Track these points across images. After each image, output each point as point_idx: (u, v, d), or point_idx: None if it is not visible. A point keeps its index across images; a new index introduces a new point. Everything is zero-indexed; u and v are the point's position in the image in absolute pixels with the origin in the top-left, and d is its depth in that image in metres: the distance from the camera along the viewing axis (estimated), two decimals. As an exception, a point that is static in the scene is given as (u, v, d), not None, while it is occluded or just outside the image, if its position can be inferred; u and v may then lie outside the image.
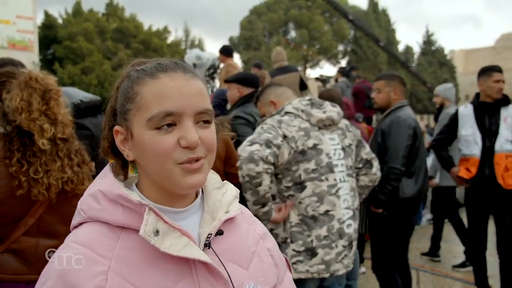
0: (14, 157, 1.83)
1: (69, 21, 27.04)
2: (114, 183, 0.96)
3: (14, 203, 1.85)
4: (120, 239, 0.93)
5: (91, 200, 0.96)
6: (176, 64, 0.98)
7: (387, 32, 42.12)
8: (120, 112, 0.99)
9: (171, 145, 0.91)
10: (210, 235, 1.00)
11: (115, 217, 0.93)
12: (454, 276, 5.31)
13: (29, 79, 1.90)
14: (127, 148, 0.99)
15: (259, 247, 1.12)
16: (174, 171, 0.93)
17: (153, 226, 0.90)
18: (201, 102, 0.95)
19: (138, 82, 0.96)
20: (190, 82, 0.96)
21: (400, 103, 3.74)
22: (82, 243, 0.92)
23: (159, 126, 0.92)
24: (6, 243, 1.87)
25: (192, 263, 0.94)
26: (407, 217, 3.63)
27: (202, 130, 0.95)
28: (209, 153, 0.97)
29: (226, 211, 1.06)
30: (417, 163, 3.58)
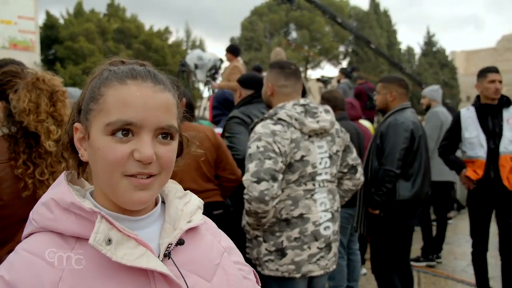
0: (20, 159, 1.83)
1: (70, 22, 27.09)
2: (67, 191, 0.92)
3: (20, 204, 1.85)
4: (74, 249, 0.88)
5: (43, 209, 0.92)
6: (148, 72, 0.94)
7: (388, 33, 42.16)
8: (84, 110, 0.95)
9: (123, 155, 0.87)
10: (171, 245, 0.95)
11: (68, 226, 0.89)
12: (456, 278, 5.31)
13: (36, 80, 1.89)
14: (83, 147, 0.96)
15: (223, 259, 1.06)
16: (121, 183, 0.89)
17: (104, 234, 0.86)
18: (164, 117, 0.91)
19: (105, 83, 0.92)
20: (158, 94, 0.91)
21: (401, 105, 3.72)
22: (32, 251, 0.87)
23: (115, 133, 0.88)
24: (10, 244, 1.87)
25: (150, 274, 0.90)
26: (404, 219, 3.62)
27: (161, 146, 0.91)
28: (163, 171, 0.92)
29: (189, 221, 1.01)
30: (415, 166, 3.56)
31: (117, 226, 0.89)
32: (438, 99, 6.06)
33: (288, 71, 2.75)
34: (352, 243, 4.47)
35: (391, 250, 3.66)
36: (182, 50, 31.16)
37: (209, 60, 10.36)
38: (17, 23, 19.55)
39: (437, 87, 6.20)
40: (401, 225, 3.63)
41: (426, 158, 3.71)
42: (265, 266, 2.59)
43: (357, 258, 4.50)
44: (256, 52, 37.56)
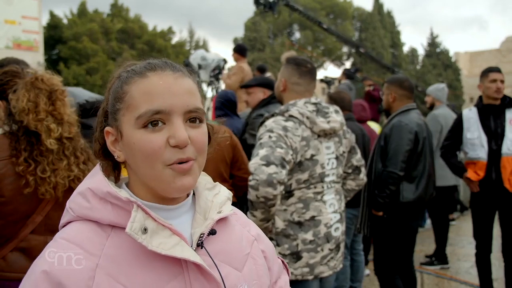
0: (21, 156, 1.84)
1: (74, 22, 27.15)
2: (103, 181, 0.94)
3: (22, 201, 1.86)
4: (110, 237, 0.91)
5: (80, 198, 0.95)
6: (165, 63, 0.96)
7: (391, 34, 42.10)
8: (111, 113, 0.97)
9: (160, 144, 0.89)
10: (203, 234, 0.97)
11: (104, 215, 0.91)
12: (459, 279, 5.29)
13: (35, 79, 1.90)
14: (117, 149, 0.97)
15: (253, 248, 1.10)
16: (164, 173, 0.91)
17: (140, 223, 0.88)
18: (190, 100, 0.93)
19: (127, 81, 0.94)
20: (179, 80, 0.94)
21: (406, 106, 3.70)
22: (70, 240, 0.90)
23: (147, 124, 0.90)
24: (14, 242, 1.88)
25: (183, 263, 0.92)
26: (407, 221, 3.61)
27: (192, 129, 0.93)
28: (199, 155, 0.94)
29: (219, 211, 1.03)
30: (419, 168, 3.54)
31: (152, 215, 0.90)
32: (442, 99, 5.99)
33: (304, 69, 2.71)
34: (356, 243, 4.46)
35: (394, 251, 3.64)
36: (185, 50, 31.20)
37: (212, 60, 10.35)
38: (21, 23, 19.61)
39: (443, 86, 6.11)
40: (404, 227, 3.61)
41: (431, 160, 3.69)
42: None
43: (361, 259, 4.49)
44: (260, 53, 37.57)
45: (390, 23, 42.90)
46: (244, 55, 7.13)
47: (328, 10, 42.50)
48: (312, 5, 41.44)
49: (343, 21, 43.19)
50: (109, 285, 0.86)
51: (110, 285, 0.86)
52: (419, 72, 42.85)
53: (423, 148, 3.56)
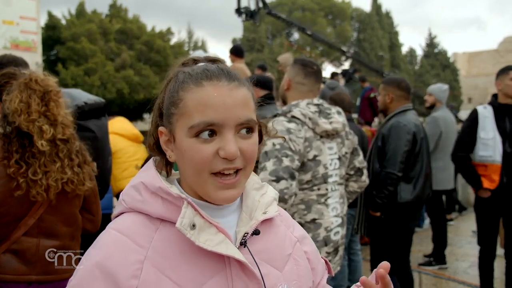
0: (13, 158, 1.83)
1: (72, 22, 27.09)
2: (155, 176, 0.98)
3: (13, 203, 1.85)
4: (159, 230, 0.95)
5: (133, 191, 0.99)
6: (221, 71, 0.97)
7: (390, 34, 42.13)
8: (165, 114, 1.00)
9: (209, 154, 0.92)
10: (247, 234, 1.00)
11: (155, 208, 0.96)
12: (457, 279, 5.29)
13: (29, 80, 1.90)
14: (170, 149, 1.01)
15: (295, 250, 1.13)
16: (208, 183, 0.94)
17: (190, 219, 0.92)
18: (243, 112, 0.94)
19: (183, 87, 0.96)
20: (234, 91, 0.95)
21: (403, 107, 3.69)
22: (121, 231, 0.94)
23: (199, 135, 0.92)
24: (6, 243, 1.87)
25: (226, 260, 0.95)
26: (405, 222, 3.61)
27: (243, 140, 0.95)
28: (247, 164, 0.97)
29: (264, 212, 1.06)
30: (417, 169, 3.55)
31: (201, 212, 0.94)
32: (443, 100, 5.96)
33: (310, 70, 2.74)
34: (354, 243, 4.46)
35: (391, 252, 3.64)
36: (184, 51, 31.15)
37: (210, 61, 10.36)
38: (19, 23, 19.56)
39: (446, 87, 6.04)
40: (401, 227, 3.62)
41: (428, 160, 3.69)
42: None
43: (359, 259, 4.49)
44: (258, 53, 37.57)
45: (388, 24, 42.94)
46: (240, 56, 7.05)
47: (326, 11, 42.51)
48: (310, 6, 41.49)
49: (341, 22, 43.21)
50: (156, 277, 0.90)
51: (157, 277, 0.90)
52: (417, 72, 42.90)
53: (421, 148, 3.56)
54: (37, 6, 20.37)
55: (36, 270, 1.89)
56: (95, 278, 0.89)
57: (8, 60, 2.45)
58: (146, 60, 27.99)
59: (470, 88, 41.21)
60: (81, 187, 2.00)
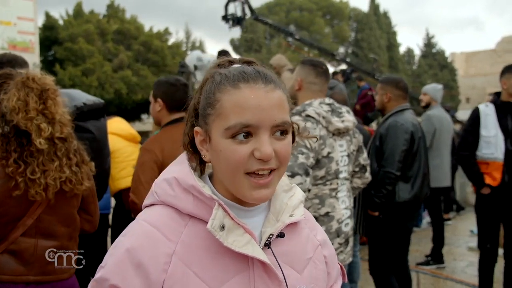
0: (11, 157, 1.82)
1: (70, 23, 27.03)
2: (189, 173, 1.00)
3: (12, 203, 1.84)
4: (187, 226, 0.97)
5: (165, 184, 1.01)
6: (258, 73, 0.98)
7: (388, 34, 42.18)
8: (202, 115, 1.01)
9: (245, 155, 0.93)
10: (272, 235, 1.02)
11: (186, 205, 0.98)
12: (455, 278, 5.30)
13: (26, 79, 1.89)
14: (205, 149, 1.02)
15: (316, 253, 1.14)
16: (243, 183, 0.95)
17: (220, 221, 0.94)
18: (278, 115, 0.96)
19: (219, 88, 0.97)
20: (270, 94, 0.96)
21: (400, 106, 3.71)
22: (152, 223, 0.96)
23: (235, 136, 0.93)
24: (4, 244, 1.87)
25: (250, 260, 0.97)
26: (403, 221, 3.63)
27: (278, 142, 0.96)
28: (281, 165, 0.98)
29: (291, 215, 1.07)
30: (415, 168, 3.56)
31: (230, 214, 0.96)
32: (438, 99, 6.02)
33: (320, 70, 2.86)
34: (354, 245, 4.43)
35: (390, 251, 3.65)
36: (181, 51, 31.13)
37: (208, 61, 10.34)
38: (16, 24, 19.55)
39: (440, 87, 6.14)
40: (400, 227, 3.63)
41: (425, 159, 3.70)
42: None
43: (357, 260, 4.48)
44: (256, 54, 37.57)
45: (386, 24, 42.97)
46: None
47: (324, 11, 42.55)
48: (308, 6, 41.52)
49: (339, 22, 43.25)
50: (183, 271, 0.93)
51: (184, 272, 0.93)
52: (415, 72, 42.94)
53: (419, 147, 3.57)
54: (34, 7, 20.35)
55: (34, 271, 1.89)
56: (126, 266, 0.92)
57: (8, 59, 2.44)
58: (144, 60, 27.98)
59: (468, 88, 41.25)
60: (79, 187, 1.99)
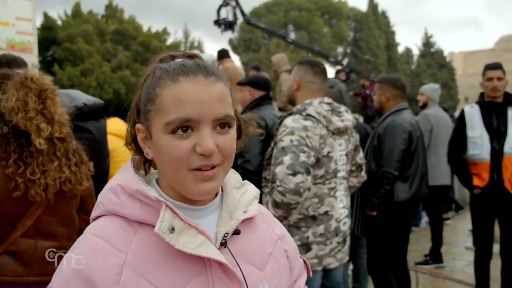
0: (11, 158, 1.82)
1: (68, 23, 26.99)
2: (133, 178, 0.97)
3: (11, 204, 1.84)
4: (137, 234, 0.94)
5: (110, 193, 0.98)
6: (198, 66, 0.96)
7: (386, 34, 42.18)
8: (142, 111, 0.99)
9: (186, 150, 0.91)
10: (227, 234, 0.99)
11: (133, 212, 0.94)
12: (454, 278, 5.31)
13: (24, 79, 1.89)
14: (147, 146, 1.00)
15: (276, 248, 1.11)
16: (187, 178, 0.93)
17: (169, 223, 0.90)
18: (220, 108, 0.93)
19: (159, 83, 0.95)
20: (211, 87, 0.94)
21: (398, 106, 3.70)
22: (99, 235, 0.93)
23: (176, 131, 0.91)
24: (4, 245, 1.87)
25: (207, 262, 0.94)
26: (401, 221, 3.64)
27: (220, 136, 0.94)
28: (225, 160, 0.96)
29: (245, 211, 1.05)
30: (413, 167, 3.57)
31: (180, 215, 0.93)
32: (435, 99, 6.06)
33: (318, 69, 2.88)
34: (359, 247, 4.38)
35: (388, 251, 3.65)
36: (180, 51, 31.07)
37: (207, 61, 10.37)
38: (15, 24, 19.49)
39: (437, 87, 6.18)
40: (398, 226, 3.64)
41: (424, 159, 3.69)
42: None
43: (364, 262, 4.41)
44: (255, 53, 37.57)
45: (385, 23, 42.98)
46: (226, 57, 7.13)
47: (323, 10, 42.53)
48: (306, 5, 41.50)
49: (338, 21, 43.23)
50: (136, 281, 0.89)
51: (137, 281, 0.89)
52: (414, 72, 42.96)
53: (417, 147, 3.58)
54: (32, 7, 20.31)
55: (33, 272, 1.89)
56: (75, 283, 0.88)
57: (8, 60, 2.44)
58: (142, 60, 27.93)
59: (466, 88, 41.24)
60: (79, 187, 1.99)
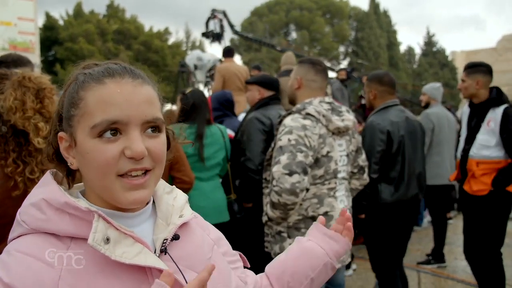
0: (10, 157, 1.82)
1: (70, 23, 27.08)
2: (58, 191, 0.90)
3: (11, 204, 1.83)
4: (70, 249, 0.87)
5: (33, 210, 0.89)
6: (124, 69, 0.92)
7: (388, 33, 42.18)
8: (65, 118, 0.93)
9: (114, 155, 0.86)
10: (166, 240, 0.95)
11: (62, 226, 0.87)
12: (456, 278, 5.30)
13: (22, 78, 1.89)
14: (71, 155, 0.93)
15: (214, 253, 1.07)
16: (115, 185, 0.88)
17: (103, 233, 0.85)
18: (149, 110, 0.90)
19: (83, 86, 0.90)
20: (138, 89, 0.90)
21: (386, 103, 3.52)
22: (27, 252, 0.85)
23: (102, 134, 0.86)
24: (3, 245, 1.87)
25: (148, 270, 0.89)
26: (390, 222, 3.45)
27: (150, 140, 0.90)
28: (156, 165, 0.92)
29: (180, 215, 1.01)
30: (397, 168, 3.35)
31: (114, 224, 0.88)
32: (438, 98, 6.00)
33: (319, 68, 2.86)
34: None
35: (381, 252, 3.56)
36: (181, 51, 31.17)
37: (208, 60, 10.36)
38: (17, 24, 19.51)
39: (439, 85, 6.13)
40: (386, 228, 3.48)
41: (417, 159, 3.50)
42: None
43: None
44: (256, 53, 37.58)
45: (386, 23, 42.97)
46: (229, 56, 7.14)
47: (324, 10, 42.53)
48: (308, 5, 41.51)
49: (339, 21, 43.23)
50: None
51: None
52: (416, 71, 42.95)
53: (400, 147, 3.37)
54: (34, 7, 20.34)
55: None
56: None
57: (13, 59, 2.45)
58: (144, 60, 27.99)
59: (468, 87, 41.12)
60: None
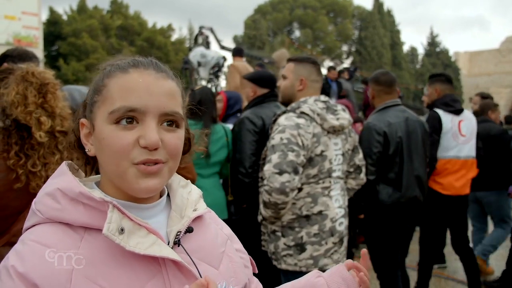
0: (12, 150, 1.83)
1: (73, 18, 27.11)
2: (73, 181, 0.90)
3: (13, 196, 1.85)
4: (84, 239, 0.87)
5: (48, 199, 0.90)
6: (150, 62, 0.94)
7: (391, 33, 42.11)
8: (89, 105, 0.94)
9: (129, 142, 0.86)
10: (180, 232, 0.96)
11: (77, 216, 0.87)
12: (456, 278, 5.30)
13: (25, 73, 1.90)
14: (89, 142, 0.94)
15: (227, 247, 1.08)
16: (129, 171, 0.88)
17: (117, 224, 0.85)
18: (169, 103, 0.90)
19: (108, 75, 0.92)
20: (161, 81, 0.91)
21: (384, 104, 3.47)
22: (42, 242, 0.85)
23: (120, 121, 0.87)
24: (6, 237, 1.88)
25: (161, 261, 0.90)
26: (389, 224, 3.41)
27: (167, 133, 0.90)
28: (171, 159, 0.91)
29: (194, 209, 1.02)
30: (395, 170, 3.30)
31: (128, 215, 0.88)
32: None
33: (318, 67, 2.85)
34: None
35: (383, 252, 3.56)
36: (185, 47, 31.15)
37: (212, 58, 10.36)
38: (21, 18, 19.56)
39: None
40: (386, 229, 3.45)
41: (415, 160, 3.41)
42: (282, 261, 2.63)
43: None
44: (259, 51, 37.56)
45: (390, 22, 42.90)
46: (239, 55, 7.16)
47: (328, 9, 42.48)
48: (312, 3, 41.45)
49: (343, 20, 43.19)
50: (87, 287, 0.83)
51: (89, 287, 0.83)
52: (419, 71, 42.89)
53: (397, 149, 3.31)
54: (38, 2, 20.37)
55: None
56: None
57: (19, 54, 2.46)
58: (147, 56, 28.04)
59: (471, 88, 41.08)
60: None
